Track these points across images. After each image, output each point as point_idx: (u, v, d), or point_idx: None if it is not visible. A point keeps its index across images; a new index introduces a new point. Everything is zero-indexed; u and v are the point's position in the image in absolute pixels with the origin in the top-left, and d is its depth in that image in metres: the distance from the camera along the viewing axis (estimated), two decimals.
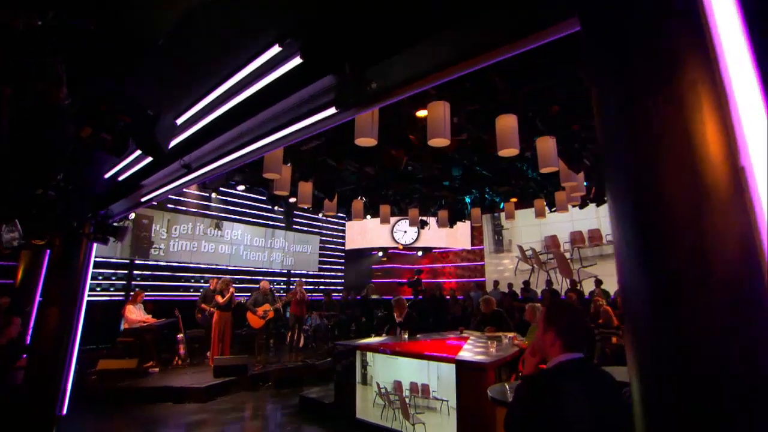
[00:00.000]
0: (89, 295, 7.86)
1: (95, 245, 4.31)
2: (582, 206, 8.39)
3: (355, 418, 4.74)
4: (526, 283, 11.49)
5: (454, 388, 3.96)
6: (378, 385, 4.62)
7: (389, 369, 4.60)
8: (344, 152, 5.48)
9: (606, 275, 10.71)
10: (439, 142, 3.55)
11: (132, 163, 3.49)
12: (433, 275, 14.00)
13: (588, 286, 10.87)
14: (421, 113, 4.91)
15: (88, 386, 6.07)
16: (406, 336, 5.53)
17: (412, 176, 7.67)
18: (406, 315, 6.21)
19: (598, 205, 8.33)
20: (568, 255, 12.05)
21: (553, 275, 12.08)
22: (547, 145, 4.27)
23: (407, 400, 4.36)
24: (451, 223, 9.24)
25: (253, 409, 5.50)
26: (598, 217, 11.76)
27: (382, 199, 7.78)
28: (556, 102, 4.17)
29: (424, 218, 9.50)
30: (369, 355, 4.79)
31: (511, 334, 5.66)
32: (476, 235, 13.83)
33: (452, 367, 4.01)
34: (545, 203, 9.89)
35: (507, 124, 3.83)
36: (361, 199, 7.33)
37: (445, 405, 4.09)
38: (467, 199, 10.61)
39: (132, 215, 6.22)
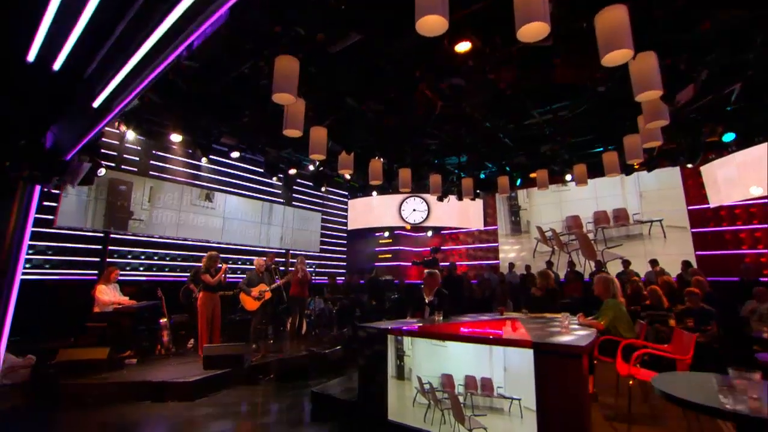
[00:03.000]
0: (54, 274, 6.78)
1: (38, 197, 3.13)
2: (650, 168, 7.24)
3: (387, 420, 3.68)
4: (549, 264, 10.54)
5: (530, 381, 2.92)
6: (420, 379, 3.56)
7: (434, 359, 3.54)
8: (369, 89, 4.36)
9: (633, 256, 9.81)
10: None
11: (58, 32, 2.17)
12: (443, 257, 12.98)
13: (614, 268, 9.96)
14: (461, 46, 3.82)
15: (42, 382, 4.94)
16: (440, 318, 4.48)
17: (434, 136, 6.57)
18: (437, 293, 5.17)
19: (691, 163, 6.96)
20: (591, 236, 11.11)
21: (575, 257, 11.14)
22: (647, 62, 3.16)
23: (461, 398, 3.30)
24: (476, 194, 8.20)
25: (253, 409, 4.41)
26: (623, 195, 10.82)
27: (402, 160, 6.66)
28: None
29: (440, 195, 8.41)
30: (406, 341, 3.71)
31: (558, 315, 4.67)
32: (490, 214, 12.81)
33: (528, 354, 2.96)
34: (565, 177, 8.85)
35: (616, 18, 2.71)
36: (379, 158, 6.20)
37: (516, 405, 3.05)
38: (482, 174, 9.56)
39: (102, 171, 5.02)
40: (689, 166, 7.56)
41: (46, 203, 6.34)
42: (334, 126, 5.08)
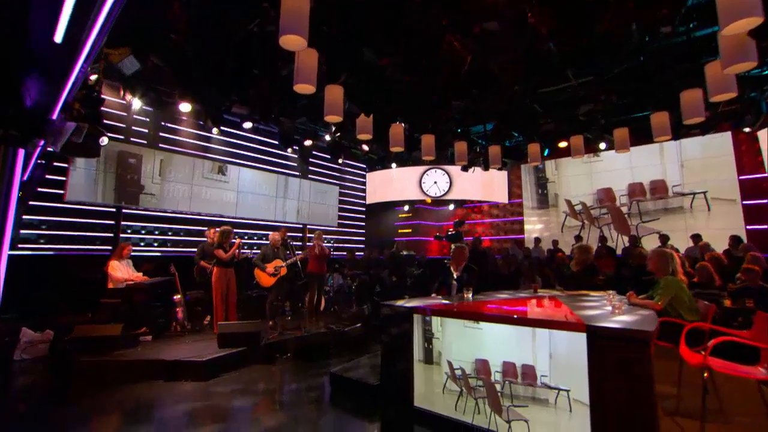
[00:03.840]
0: (69, 250, 6.67)
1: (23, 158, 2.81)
2: (707, 129, 6.42)
3: (413, 406, 3.35)
4: (578, 239, 9.97)
5: (582, 371, 2.50)
6: (450, 364, 3.19)
7: (467, 342, 3.16)
8: (390, 39, 3.82)
9: (672, 230, 9.12)
10: None
11: None
12: (465, 232, 12.51)
13: (649, 244, 9.30)
14: None
15: (59, 358, 4.83)
16: (470, 295, 4.07)
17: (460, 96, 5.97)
18: (465, 268, 4.76)
19: (749, 127, 6.15)
20: (624, 209, 10.40)
21: (606, 231, 10.50)
22: None
23: (498, 387, 2.92)
24: (505, 163, 7.62)
25: (269, 391, 4.17)
26: (663, 165, 9.99)
27: (424, 126, 6.12)
28: None
29: (465, 164, 7.84)
30: (435, 322, 3.33)
31: (601, 293, 4.20)
32: (515, 186, 12.17)
33: (579, 338, 2.53)
34: (598, 145, 8.04)
35: None
36: (400, 123, 5.68)
37: (563, 397, 2.65)
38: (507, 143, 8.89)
39: (105, 140, 4.70)
40: (746, 130, 6.75)
41: (55, 177, 6.13)
42: (351, 86, 4.58)
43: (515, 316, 2.94)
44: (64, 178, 6.11)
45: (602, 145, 9.12)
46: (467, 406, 3.06)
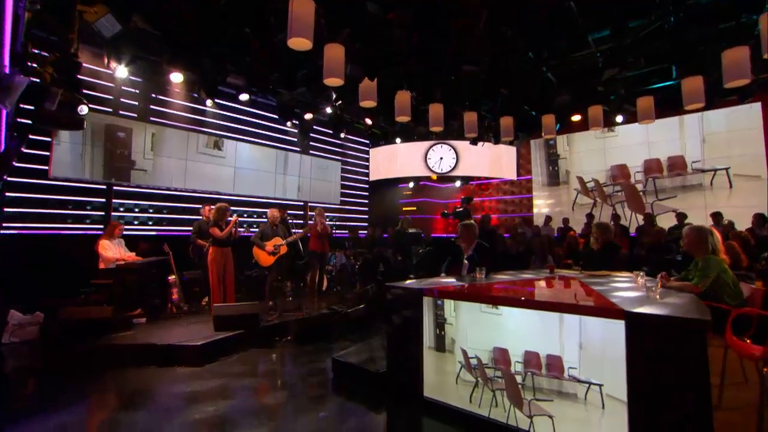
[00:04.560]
0: (60, 229, 6.34)
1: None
2: (745, 97, 5.88)
3: (423, 397, 3.08)
4: (590, 217, 9.58)
5: (618, 364, 2.18)
6: (465, 353, 2.89)
7: (484, 328, 2.84)
8: None
9: (690, 208, 8.68)
10: None
11: None
12: (472, 209, 12.14)
13: (665, 222, 8.90)
14: None
15: (47, 341, 4.60)
16: (482, 276, 3.75)
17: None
18: (476, 247, 4.42)
19: None
20: (639, 187, 9.95)
21: (619, 209, 10.09)
22: None
23: (519, 378, 2.62)
24: (516, 135, 7.17)
25: (267, 377, 3.92)
26: (682, 140, 9.46)
27: (430, 92, 5.66)
28: None
29: (475, 136, 7.37)
30: (447, 305, 3.01)
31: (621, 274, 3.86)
32: (524, 163, 11.71)
33: (615, 327, 2.20)
34: (615, 118, 7.41)
35: None
36: (407, 89, 5.22)
37: (594, 392, 2.35)
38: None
39: (84, 109, 4.29)
40: None
41: (38, 152, 5.76)
42: (354, 46, 4.13)
43: (543, 301, 2.61)
44: (47, 153, 5.74)
45: (619, 118, 8.61)
46: (483, 399, 2.78)
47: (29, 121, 4.42)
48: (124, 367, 3.94)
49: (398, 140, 10.72)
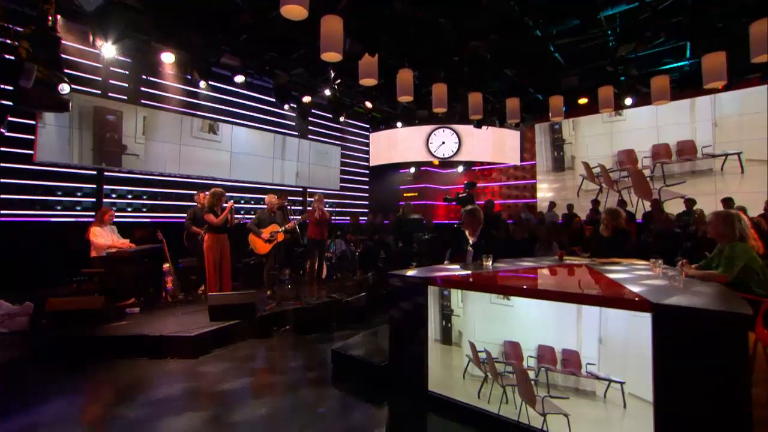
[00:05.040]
0: (50, 216, 6.13)
1: None
2: None
3: (427, 391, 2.91)
4: (596, 203, 9.36)
5: (642, 359, 1.99)
6: (473, 346, 2.70)
7: (494, 320, 2.65)
8: None
9: (699, 194, 8.48)
10: None
11: None
12: (475, 195, 11.93)
13: (672, 208, 8.70)
14: None
15: (35, 332, 4.43)
16: (489, 263, 3.55)
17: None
18: (482, 233, 4.23)
19: None
20: (647, 173, 9.70)
21: (626, 195, 9.86)
22: None
23: (532, 374, 2.44)
24: (523, 118, 6.90)
25: (263, 370, 3.75)
26: (692, 123, 9.16)
27: (434, 71, 5.37)
28: None
29: (480, 118, 7.10)
30: (455, 295, 2.81)
31: (634, 262, 3.66)
32: (528, 148, 11.43)
33: (639, 320, 2.01)
34: (624, 101, 7.06)
35: None
36: (407, 66, 4.93)
37: (615, 389, 2.16)
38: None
39: (66, 88, 4.03)
40: None
41: (22, 135, 5.51)
42: (353, 20, 3.85)
43: (561, 291, 2.41)
44: (32, 137, 5.49)
45: (628, 101, 8.31)
46: (492, 394, 2.60)
47: (10, 103, 4.17)
48: (114, 359, 3.77)
49: (399, 124, 10.42)
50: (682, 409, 1.86)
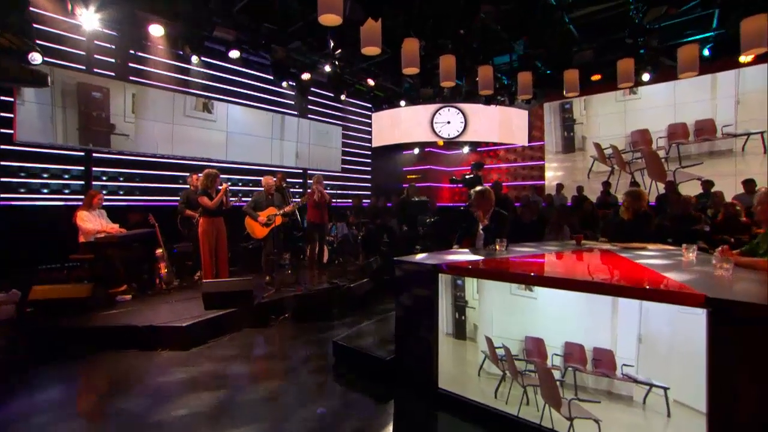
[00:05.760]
0: (34, 200, 5.82)
1: None
2: None
3: (438, 389, 2.65)
4: (607, 185, 8.98)
5: (692, 361, 1.71)
6: (490, 341, 2.43)
7: (515, 314, 2.36)
8: None
9: (717, 176, 8.08)
10: None
11: None
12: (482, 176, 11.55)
13: (687, 191, 8.31)
14: None
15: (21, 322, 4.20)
16: (503, 248, 3.26)
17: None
18: (493, 216, 3.92)
19: None
20: (662, 153, 9.27)
21: (639, 177, 9.47)
22: None
23: (557, 374, 2.16)
24: (534, 94, 6.49)
25: (259, 363, 3.51)
26: (713, 101, 8.67)
27: (441, 41, 4.96)
28: None
29: (490, 93, 6.67)
30: (469, 285, 2.52)
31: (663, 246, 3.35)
32: (536, 128, 10.99)
33: (688, 316, 1.71)
34: (641, 77, 6.56)
35: None
36: (415, 37, 4.53)
37: (657, 395, 1.88)
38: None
39: (37, 58, 3.68)
40: None
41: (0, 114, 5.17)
42: None
43: (600, 282, 2.10)
44: (11, 115, 5.15)
45: (645, 77, 7.83)
46: (511, 395, 2.34)
47: None
48: (101, 351, 3.54)
49: (403, 103, 9.99)
50: (742, 422, 1.57)
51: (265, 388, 2.96)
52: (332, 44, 6.02)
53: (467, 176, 6.79)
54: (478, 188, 4.13)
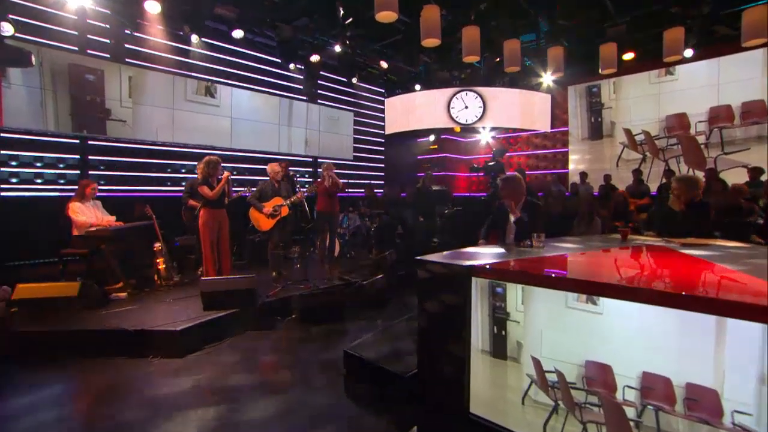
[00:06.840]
0: (27, 190, 5.52)
1: None
2: None
3: (468, 413, 2.18)
4: (638, 173, 8.30)
5: None
6: (538, 363, 1.94)
7: (571, 331, 1.86)
8: None
9: (765, 163, 7.33)
10: None
11: None
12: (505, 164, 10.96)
13: (731, 179, 7.58)
14: None
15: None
16: (540, 243, 2.75)
17: None
18: (525, 205, 3.43)
19: None
20: (701, 139, 8.52)
21: (674, 165, 8.75)
22: None
23: (631, 413, 1.67)
24: (567, 67, 5.84)
25: (261, 374, 3.08)
26: (764, 78, 7.85)
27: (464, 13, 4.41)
28: None
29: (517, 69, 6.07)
30: (512, 292, 2.03)
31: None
32: (560, 112, 10.30)
33: None
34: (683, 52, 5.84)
35: None
36: (435, 4, 3.99)
37: None
38: None
39: (7, 28, 3.26)
40: None
41: None
42: None
43: (721, 299, 1.58)
44: None
45: (688, 52, 7.09)
46: (567, 431, 1.85)
47: None
48: (83, 358, 3.17)
49: (418, 87, 9.41)
50: None
51: (265, 407, 2.54)
52: (342, 12, 5.48)
53: (489, 163, 6.24)
54: (506, 176, 3.63)
